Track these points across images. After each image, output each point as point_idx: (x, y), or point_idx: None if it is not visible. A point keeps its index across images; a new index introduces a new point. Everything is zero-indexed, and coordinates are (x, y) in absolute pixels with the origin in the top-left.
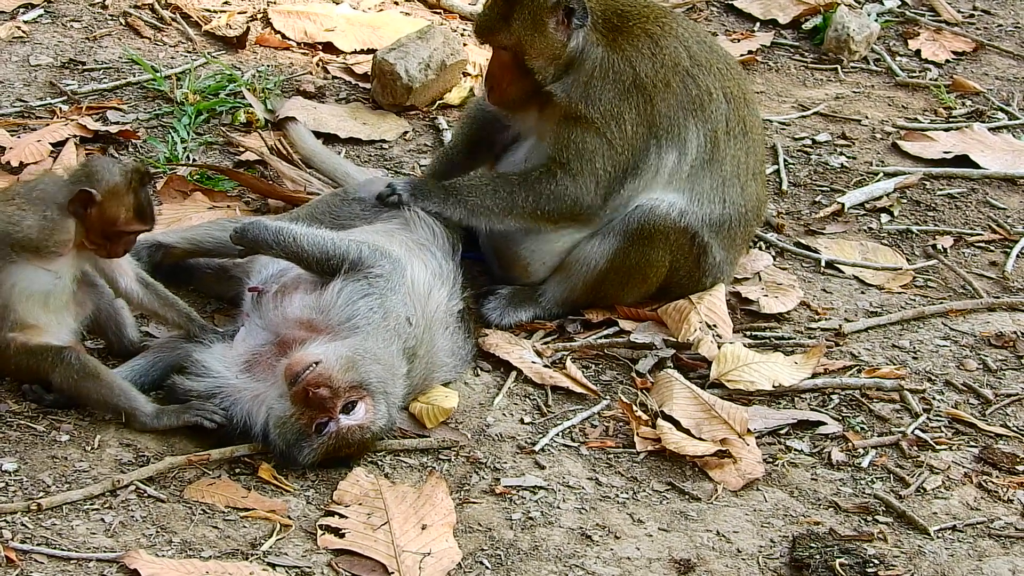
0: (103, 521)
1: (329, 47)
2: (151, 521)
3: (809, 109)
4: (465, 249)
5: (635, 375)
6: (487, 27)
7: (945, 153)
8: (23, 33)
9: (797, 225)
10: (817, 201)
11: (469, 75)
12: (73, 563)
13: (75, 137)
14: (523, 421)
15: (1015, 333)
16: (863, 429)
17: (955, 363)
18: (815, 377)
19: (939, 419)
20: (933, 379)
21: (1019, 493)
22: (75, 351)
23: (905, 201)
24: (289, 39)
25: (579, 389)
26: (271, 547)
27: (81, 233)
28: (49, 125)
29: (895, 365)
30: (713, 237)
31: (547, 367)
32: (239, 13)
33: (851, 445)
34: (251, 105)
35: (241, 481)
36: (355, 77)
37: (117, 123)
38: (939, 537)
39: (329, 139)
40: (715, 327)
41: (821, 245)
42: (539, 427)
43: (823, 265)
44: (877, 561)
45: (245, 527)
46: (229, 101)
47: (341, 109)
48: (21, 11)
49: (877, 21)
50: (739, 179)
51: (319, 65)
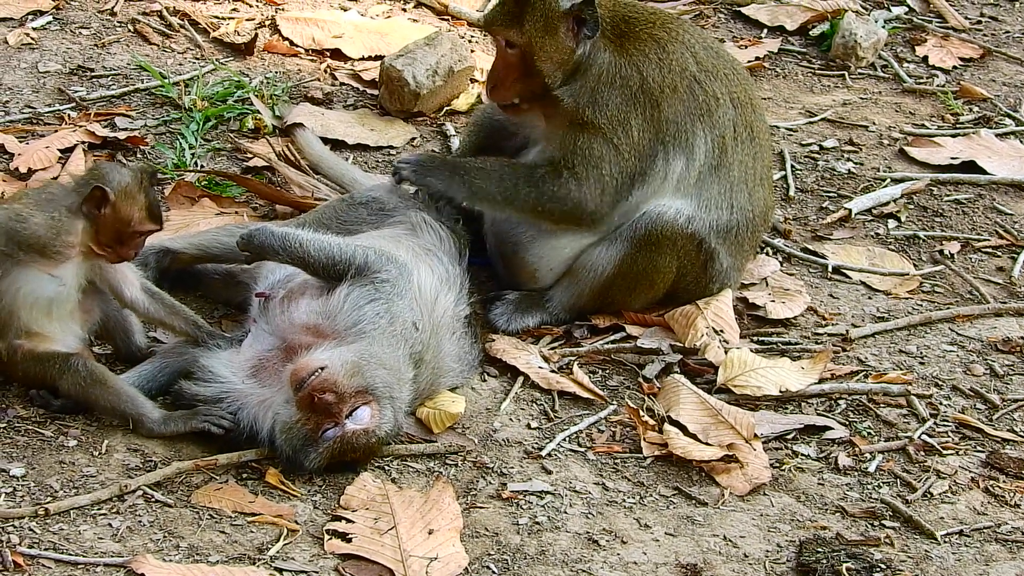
0: (110, 526)
1: (337, 54)
2: (158, 526)
3: (816, 115)
4: (472, 255)
5: (642, 380)
6: (498, 21)
7: (952, 159)
8: (32, 40)
9: (804, 231)
10: (824, 207)
11: (477, 81)
12: (80, 568)
13: (83, 143)
14: (530, 426)
15: (1022, 338)
16: (870, 434)
17: (962, 368)
18: (822, 382)
19: (946, 424)
20: (940, 384)
21: None
22: (82, 358)
23: (912, 207)
24: (297, 46)
25: (586, 394)
26: (278, 552)
27: (90, 237)
28: (58, 131)
29: (902, 370)
30: (720, 243)
31: (554, 372)
32: (247, 20)
33: (858, 450)
34: (259, 111)
35: (248, 486)
36: (363, 83)
37: (125, 129)
38: (946, 542)
39: (337, 145)
40: (722, 332)
41: (828, 251)
42: (546, 432)
43: (830, 270)
44: (884, 566)
45: (252, 532)
46: (237, 107)
47: (349, 115)
48: (30, 18)
49: (884, 27)
50: (746, 185)
51: (327, 71)
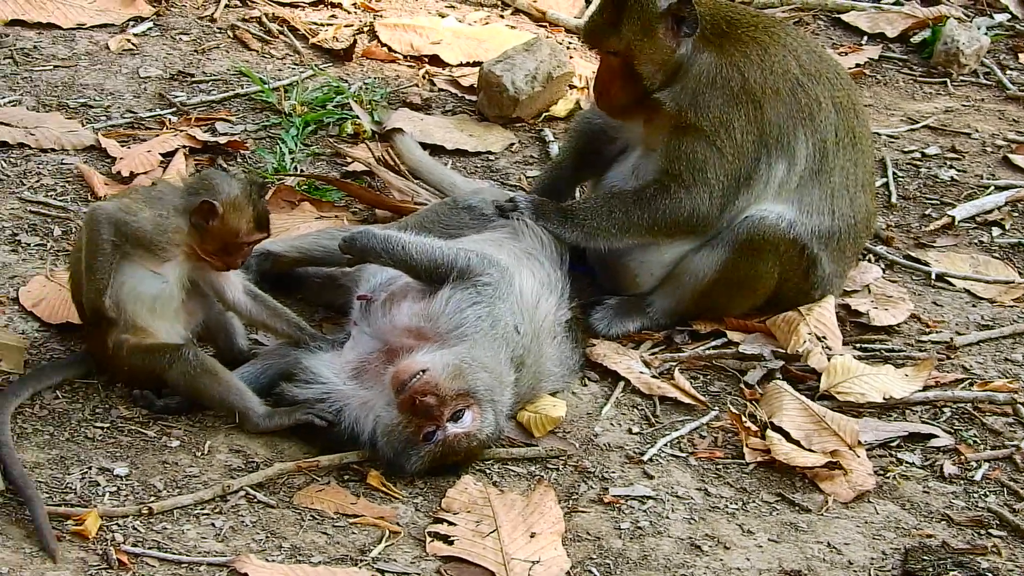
0: (213, 526)
1: (435, 60)
2: (261, 526)
3: (918, 122)
4: (572, 262)
5: (744, 386)
6: (597, 32)
7: None
8: (133, 46)
9: (907, 238)
10: (927, 214)
11: (575, 87)
12: (184, 567)
13: (184, 147)
14: (631, 431)
15: None
16: (976, 442)
17: None
18: (926, 390)
19: None
20: None
21: None
22: (193, 348)
23: (1016, 214)
24: (395, 52)
25: (687, 400)
26: (380, 553)
27: (195, 243)
28: (159, 136)
29: (1008, 378)
30: (822, 249)
31: (655, 377)
32: (346, 26)
33: (963, 458)
34: (358, 116)
35: (350, 488)
36: (461, 89)
37: (226, 134)
38: None
39: (435, 150)
40: (824, 339)
41: (931, 258)
42: (647, 437)
43: (933, 278)
44: (991, 574)
45: (354, 533)
46: (336, 112)
47: (447, 121)
48: (131, 24)
49: (987, 35)
50: (848, 190)
51: (425, 77)
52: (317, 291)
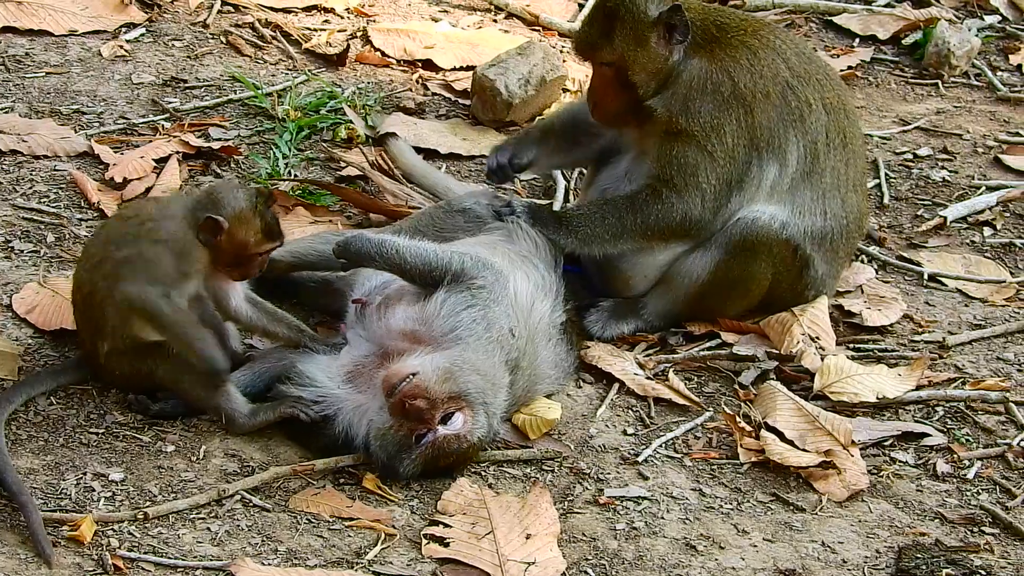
0: (209, 530)
1: (428, 64)
2: (256, 530)
3: (910, 124)
4: (566, 262)
5: (738, 387)
6: (589, 44)
7: None
8: (126, 52)
9: (899, 239)
10: (919, 215)
11: (569, 91)
12: (180, 571)
13: (178, 153)
14: (626, 432)
15: None
16: (968, 441)
17: None
18: (919, 389)
19: None
20: None
21: None
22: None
23: (1008, 215)
24: (389, 56)
25: (682, 401)
26: (376, 556)
27: (209, 258)
28: (152, 142)
29: (1000, 377)
30: (815, 250)
31: (649, 379)
32: (339, 31)
33: (956, 457)
34: (352, 121)
35: (346, 491)
36: (455, 93)
37: (219, 140)
38: None
39: (429, 155)
40: (818, 339)
41: (924, 258)
42: (642, 438)
43: (926, 278)
44: (984, 572)
45: (350, 536)
46: (330, 117)
47: (441, 125)
48: (124, 30)
49: (978, 36)
50: (839, 191)
51: (419, 82)
52: (312, 295)
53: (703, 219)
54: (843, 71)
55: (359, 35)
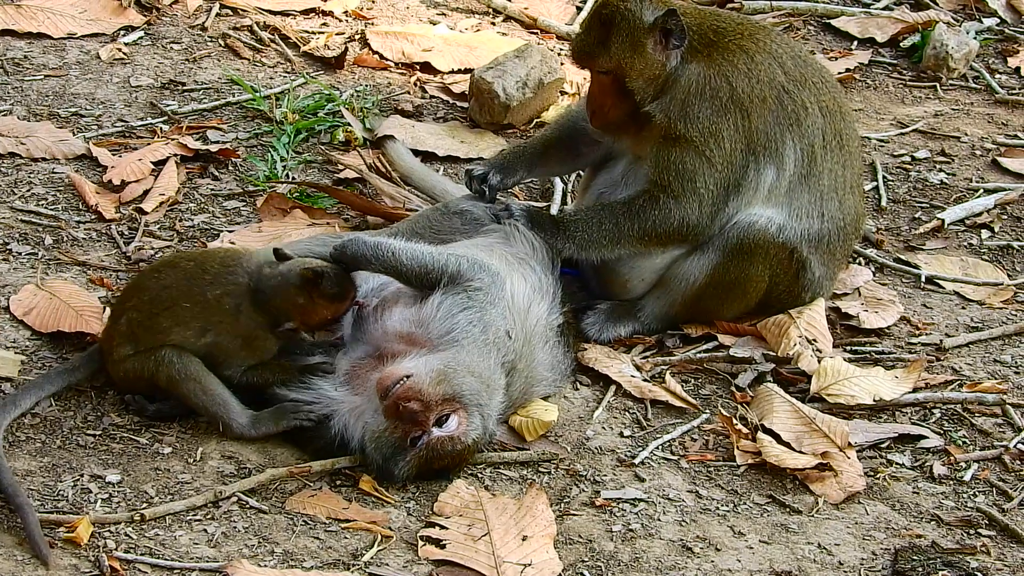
0: (205, 532)
1: (426, 67)
2: (253, 532)
3: (908, 126)
4: (563, 265)
5: (735, 389)
6: (586, 52)
7: None
8: (124, 55)
9: (897, 241)
10: (917, 217)
11: (566, 93)
12: (176, 573)
13: (176, 156)
14: (623, 434)
15: None
16: (965, 443)
17: None
18: (916, 391)
19: None
20: None
21: None
22: (176, 352)
23: (1005, 217)
24: (387, 59)
25: (678, 403)
26: (372, 558)
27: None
28: (150, 144)
29: (997, 379)
30: (812, 252)
31: (646, 381)
32: (337, 34)
33: (953, 459)
34: (349, 124)
35: (342, 493)
36: (452, 96)
37: (217, 142)
38: None
39: (427, 157)
40: (815, 342)
41: (921, 261)
42: (639, 440)
43: (923, 281)
44: (980, 574)
45: (346, 538)
46: (328, 120)
47: (439, 128)
48: (122, 33)
49: (976, 39)
50: (837, 193)
51: (416, 84)
52: None
53: (701, 224)
54: (841, 74)
55: (357, 38)
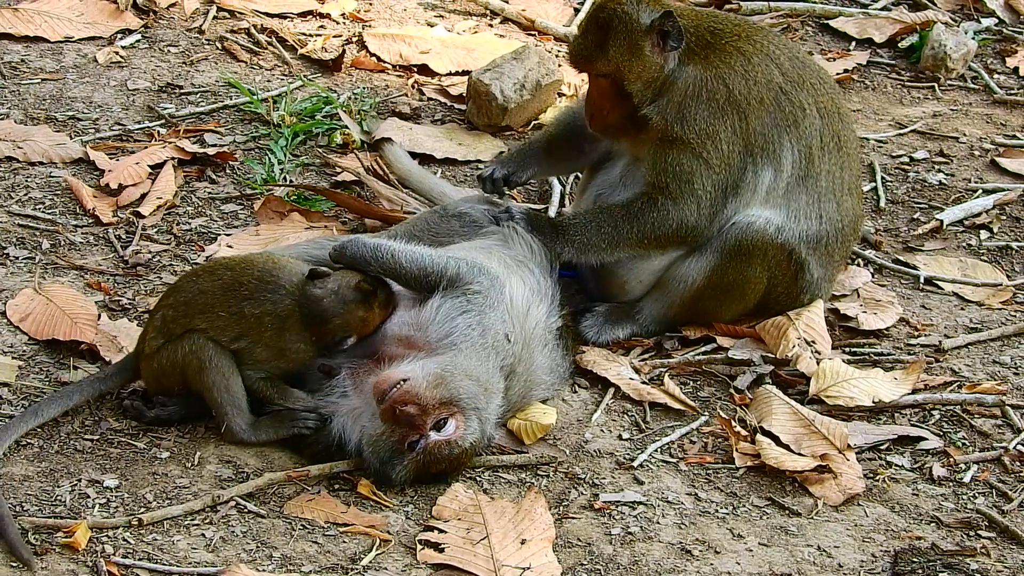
0: (204, 536)
1: (424, 69)
2: (251, 536)
3: (906, 127)
4: (562, 267)
5: (733, 391)
6: (583, 56)
7: None
8: (121, 58)
9: (895, 242)
10: (915, 218)
11: (564, 95)
12: None
13: (173, 159)
14: (621, 437)
15: None
16: (964, 444)
17: None
18: (915, 393)
19: None
20: None
21: None
22: (208, 338)
23: (1004, 217)
24: (384, 61)
25: (677, 405)
26: (371, 562)
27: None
28: (147, 148)
29: (996, 380)
30: (810, 253)
31: (645, 383)
32: (334, 36)
33: (952, 460)
34: (347, 126)
35: (340, 497)
36: (450, 98)
37: (215, 145)
38: None
39: (425, 159)
40: (813, 343)
41: (920, 262)
42: (637, 443)
43: (922, 282)
44: None
45: (345, 542)
46: (325, 123)
47: (436, 130)
48: (119, 36)
49: (974, 39)
50: (835, 195)
51: (414, 87)
52: None
53: (699, 226)
54: (839, 74)
55: (355, 40)
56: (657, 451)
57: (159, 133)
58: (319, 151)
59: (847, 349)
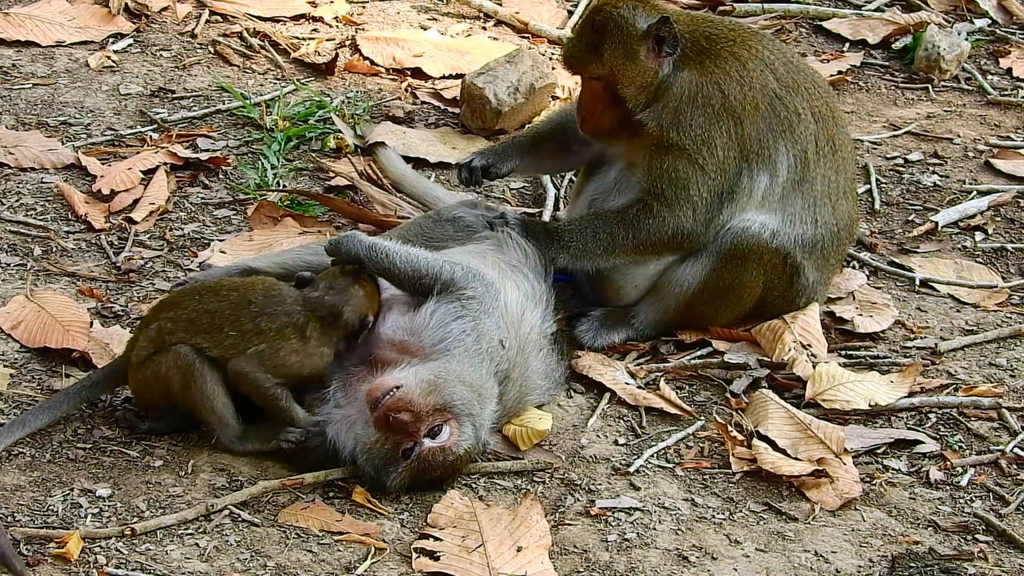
0: (197, 546)
1: (417, 72)
2: (245, 545)
3: (900, 128)
4: (556, 272)
5: (729, 395)
6: (577, 58)
7: None
8: (113, 63)
9: (891, 244)
10: (910, 220)
11: (558, 98)
12: None
13: (165, 164)
14: (617, 442)
15: None
16: (961, 448)
17: None
18: (911, 396)
19: None
20: None
21: None
22: (194, 350)
23: (999, 219)
24: (378, 65)
25: (673, 410)
26: (366, 570)
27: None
28: (140, 153)
29: (992, 383)
30: (806, 258)
31: (641, 388)
32: (327, 40)
33: (949, 464)
34: (340, 131)
35: (335, 505)
36: (444, 102)
37: (207, 150)
38: None
39: (419, 164)
40: (809, 347)
41: (915, 264)
42: (633, 448)
43: (917, 284)
44: None
45: (340, 551)
46: (318, 127)
47: (430, 134)
48: (111, 41)
49: (967, 40)
50: (830, 199)
51: (408, 90)
52: None
53: (695, 231)
54: (833, 76)
55: (348, 44)
56: (653, 456)
57: (151, 138)
58: (312, 156)
59: (843, 352)
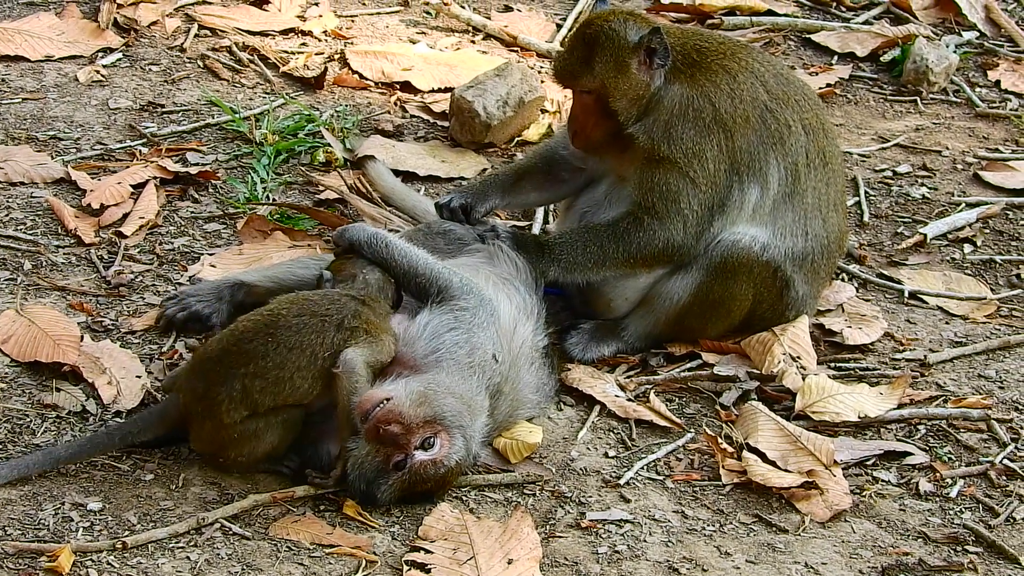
0: (188, 559)
1: (407, 86)
2: (236, 559)
3: (889, 141)
4: (547, 284)
5: (719, 408)
6: (569, 72)
7: None
8: (102, 77)
9: (880, 256)
10: (899, 232)
11: (547, 112)
12: None
13: (155, 179)
14: (607, 455)
15: None
16: (951, 459)
17: None
18: (901, 408)
19: None
20: (1020, 408)
21: None
22: (297, 411)
23: (988, 231)
24: (367, 79)
25: (663, 422)
26: None
27: None
28: (129, 167)
29: (981, 395)
30: (796, 271)
31: (630, 401)
32: (316, 54)
33: (939, 475)
34: (330, 144)
35: (326, 518)
36: (433, 115)
37: (197, 164)
38: None
39: (408, 177)
40: (799, 359)
41: (904, 276)
42: (624, 461)
43: (906, 296)
44: None
45: (331, 563)
46: (308, 141)
47: (419, 147)
48: (100, 55)
49: (956, 52)
50: (820, 211)
51: (397, 104)
52: None
53: (685, 244)
54: (822, 89)
55: (337, 58)
56: (643, 469)
57: (141, 152)
58: (302, 169)
59: (832, 364)
